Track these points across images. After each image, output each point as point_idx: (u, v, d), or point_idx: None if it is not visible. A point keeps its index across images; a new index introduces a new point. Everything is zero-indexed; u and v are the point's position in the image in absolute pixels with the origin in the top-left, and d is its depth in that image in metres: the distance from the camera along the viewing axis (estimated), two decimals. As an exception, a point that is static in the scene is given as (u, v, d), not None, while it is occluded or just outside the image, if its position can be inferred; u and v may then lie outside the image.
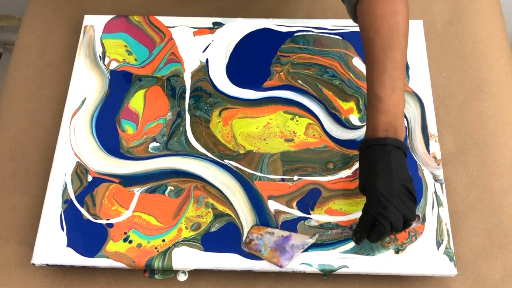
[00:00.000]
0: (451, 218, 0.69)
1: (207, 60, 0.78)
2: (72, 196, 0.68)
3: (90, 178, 0.69)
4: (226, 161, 0.70)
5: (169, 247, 0.65)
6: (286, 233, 0.64)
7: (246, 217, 0.67)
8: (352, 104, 0.74)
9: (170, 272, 0.66)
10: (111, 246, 0.65)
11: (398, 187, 0.56)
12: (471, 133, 0.75)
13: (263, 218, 0.66)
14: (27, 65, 0.81)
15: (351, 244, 0.65)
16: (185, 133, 0.72)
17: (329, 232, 0.64)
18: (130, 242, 0.65)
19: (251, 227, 0.65)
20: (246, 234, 0.65)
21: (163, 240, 0.65)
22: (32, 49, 0.83)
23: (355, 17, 0.65)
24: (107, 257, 0.64)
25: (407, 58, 0.60)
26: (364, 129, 0.72)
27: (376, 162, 0.57)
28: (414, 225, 0.59)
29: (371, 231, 0.58)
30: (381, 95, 0.58)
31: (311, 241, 0.63)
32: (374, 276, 0.66)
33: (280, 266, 0.63)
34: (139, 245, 0.65)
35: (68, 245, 0.65)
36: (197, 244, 0.65)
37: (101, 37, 0.80)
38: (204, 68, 0.77)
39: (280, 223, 0.66)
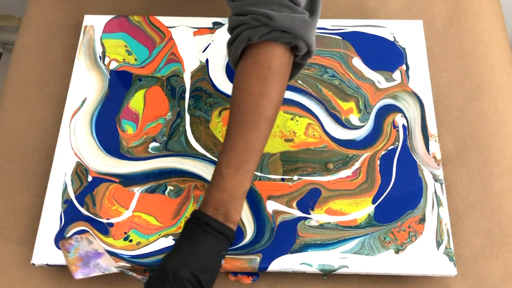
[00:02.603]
0: (451, 218, 0.69)
1: (207, 60, 0.78)
2: (72, 196, 0.68)
3: (90, 178, 0.69)
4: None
5: (169, 247, 0.65)
6: (101, 249, 0.63)
7: (248, 216, 0.67)
8: (352, 104, 0.74)
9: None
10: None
11: (187, 274, 0.51)
12: (471, 133, 0.75)
13: (260, 218, 0.66)
14: (27, 65, 0.81)
15: (351, 244, 0.65)
16: (185, 133, 0.72)
17: (130, 273, 0.61)
18: (130, 241, 0.65)
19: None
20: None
21: (163, 240, 0.65)
22: (32, 49, 0.83)
23: None
24: (107, 257, 0.65)
25: (264, 144, 0.56)
26: (363, 129, 0.72)
27: (185, 238, 0.54)
28: None
29: None
30: (223, 171, 0.55)
31: (114, 270, 0.62)
32: (374, 276, 0.66)
33: (73, 276, 0.61)
34: (139, 244, 0.65)
35: (68, 245, 0.65)
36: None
37: (101, 37, 0.80)
38: (204, 68, 0.77)
39: (278, 223, 0.66)
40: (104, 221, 0.67)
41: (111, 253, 0.64)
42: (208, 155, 0.71)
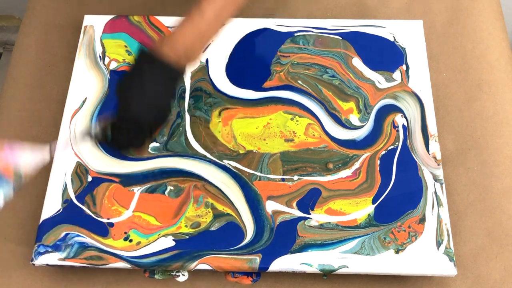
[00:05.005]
0: (451, 218, 0.69)
1: (207, 60, 0.78)
2: (72, 196, 0.68)
3: (90, 178, 0.69)
4: (226, 162, 0.70)
5: (169, 247, 0.65)
6: None
7: (247, 216, 0.67)
8: (352, 104, 0.74)
9: (170, 272, 0.66)
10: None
11: (149, 118, 0.54)
12: (471, 133, 0.75)
13: (259, 219, 0.66)
14: (27, 65, 0.81)
15: (351, 244, 0.65)
16: (185, 133, 0.72)
17: None
18: (131, 241, 0.65)
19: None
20: None
21: (163, 240, 0.65)
22: (32, 49, 0.83)
23: None
24: (107, 257, 0.65)
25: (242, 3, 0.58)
26: (363, 129, 0.72)
27: (139, 78, 0.55)
28: None
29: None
30: (205, 15, 0.55)
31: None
32: (374, 276, 0.66)
33: None
34: (139, 244, 0.65)
35: (68, 245, 0.65)
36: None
37: (101, 37, 0.80)
38: (204, 68, 0.77)
39: (278, 223, 0.66)
40: (105, 221, 0.67)
41: (112, 254, 0.64)
42: (208, 155, 0.71)
